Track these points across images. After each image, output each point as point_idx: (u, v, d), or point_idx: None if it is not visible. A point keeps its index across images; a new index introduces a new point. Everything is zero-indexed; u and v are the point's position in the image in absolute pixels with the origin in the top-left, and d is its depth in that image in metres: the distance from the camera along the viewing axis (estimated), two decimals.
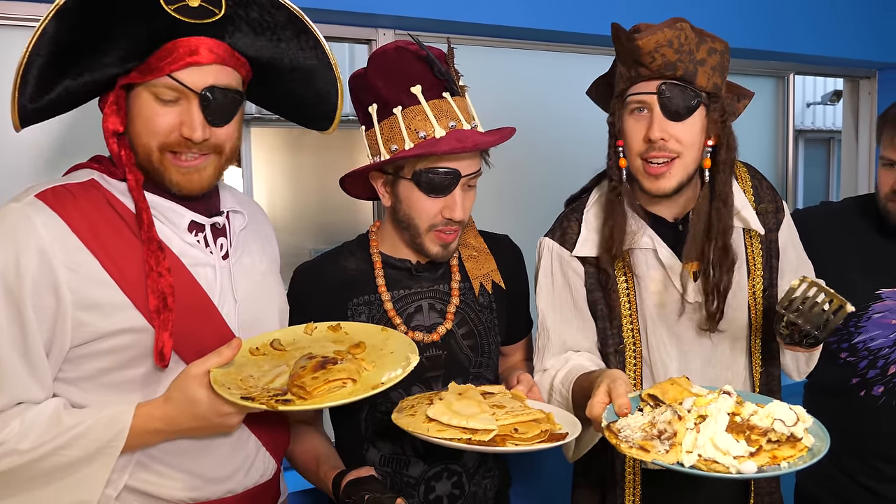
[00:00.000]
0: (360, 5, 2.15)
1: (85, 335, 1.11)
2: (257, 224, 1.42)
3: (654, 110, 1.39)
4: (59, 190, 1.14)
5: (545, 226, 1.65)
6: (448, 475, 1.49)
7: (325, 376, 1.12)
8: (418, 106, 1.37)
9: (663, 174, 1.41)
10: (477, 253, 1.54)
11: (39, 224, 1.08)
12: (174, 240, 1.21)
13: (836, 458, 1.89)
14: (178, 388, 1.12)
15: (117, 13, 1.09)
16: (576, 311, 1.55)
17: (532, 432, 1.22)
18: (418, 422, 1.25)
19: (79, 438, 1.09)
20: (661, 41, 1.35)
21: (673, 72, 1.37)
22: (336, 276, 1.50)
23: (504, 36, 2.52)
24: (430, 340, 1.46)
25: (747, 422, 1.12)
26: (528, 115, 2.67)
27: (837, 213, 1.96)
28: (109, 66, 1.14)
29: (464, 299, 1.52)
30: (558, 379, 1.49)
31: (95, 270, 1.11)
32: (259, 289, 1.33)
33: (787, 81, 3.31)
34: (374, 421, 1.48)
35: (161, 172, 1.18)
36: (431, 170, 1.37)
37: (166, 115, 1.15)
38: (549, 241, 1.58)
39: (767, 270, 1.56)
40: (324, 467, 1.40)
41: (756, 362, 1.57)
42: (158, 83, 1.14)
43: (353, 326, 1.35)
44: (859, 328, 1.81)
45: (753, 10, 2.88)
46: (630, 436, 1.15)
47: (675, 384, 1.26)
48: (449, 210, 1.39)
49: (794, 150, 3.39)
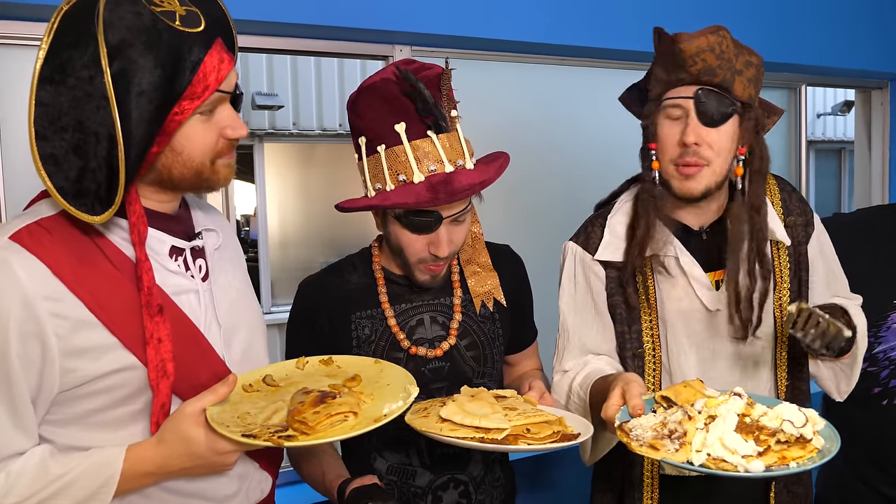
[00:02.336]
0: (376, 22, 2.18)
1: (73, 380, 1.06)
2: (227, 237, 1.38)
3: (691, 115, 1.41)
4: (34, 228, 1.07)
5: (556, 238, 1.67)
6: (455, 485, 1.49)
7: (326, 410, 1.10)
8: (400, 146, 1.34)
9: (694, 175, 1.42)
10: (481, 269, 1.55)
11: (18, 269, 1.02)
12: (157, 270, 1.15)
13: (857, 468, 1.88)
14: (172, 428, 1.08)
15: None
16: (596, 315, 1.57)
17: (544, 433, 1.22)
18: (431, 422, 1.25)
19: (68, 487, 1.05)
20: (703, 46, 1.37)
21: (711, 77, 1.39)
22: (339, 289, 1.50)
23: (519, 51, 2.54)
24: (433, 356, 1.47)
25: (756, 422, 1.14)
26: (541, 129, 2.69)
27: (852, 223, 1.96)
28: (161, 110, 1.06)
29: (465, 313, 1.52)
30: (577, 382, 1.50)
31: (80, 313, 1.05)
32: (237, 307, 1.29)
33: (798, 93, 3.33)
34: (382, 432, 1.46)
35: (213, 180, 1.16)
36: (412, 212, 1.36)
37: (209, 129, 1.13)
38: (573, 244, 1.60)
39: (796, 283, 1.56)
40: (329, 476, 1.40)
41: (781, 375, 1.57)
42: (205, 102, 1.09)
43: (346, 360, 1.33)
44: (879, 338, 1.81)
45: (765, 22, 2.89)
46: (641, 435, 1.17)
47: (688, 386, 1.27)
48: (434, 247, 1.38)
49: (805, 161, 3.40)
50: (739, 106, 1.43)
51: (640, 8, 2.62)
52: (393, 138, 1.34)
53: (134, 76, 1.01)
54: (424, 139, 1.34)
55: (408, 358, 1.47)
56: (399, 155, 1.34)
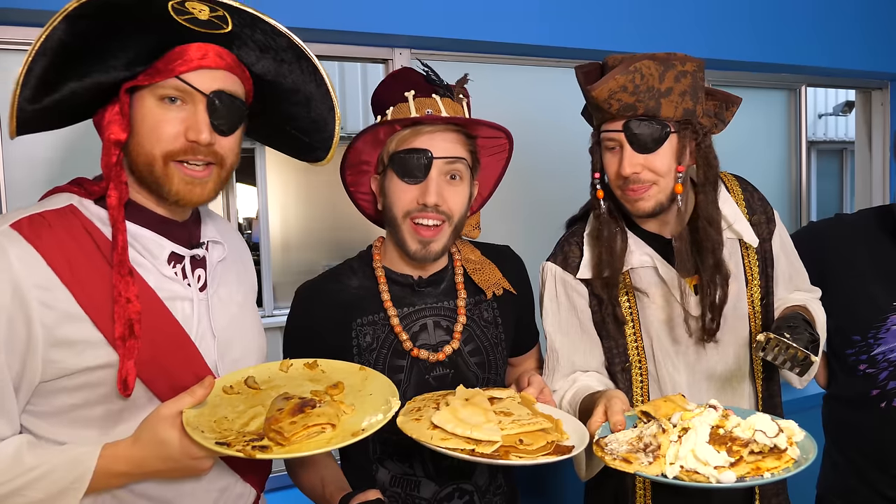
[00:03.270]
0: (376, 26, 2.19)
1: (55, 371, 1.07)
2: (236, 253, 1.39)
3: (625, 146, 1.43)
4: (36, 219, 1.09)
5: (553, 238, 1.67)
6: (459, 495, 1.47)
7: (303, 421, 1.07)
8: (406, 103, 1.43)
9: (641, 196, 1.45)
10: (480, 265, 1.55)
11: (13, 257, 1.04)
12: (152, 273, 1.17)
13: (858, 469, 1.88)
14: (148, 428, 1.07)
15: (128, 21, 1.08)
16: (582, 333, 1.58)
17: (538, 443, 1.20)
18: (423, 428, 1.22)
19: (40, 480, 1.04)
20: (614, 88, 1.38)
21: (634, 112, 1.41)
22: (338, 295, 1.48)
23: (518, 54, 2.55)
24: (435, 360, 1.45)
25: (730, 434, 1.15)
26: (540, 131, 2.70)
27: (853, 224, 1.95)
28: (116, 70, 1.11)
29: (470, 316, 1.51)
30: (566, 400, 1.51)
31: (69, 305, 1.07)
32: (236, 321, 1.29)
33: (798, 94, 3.33)
34: (383, 441, 1.46)
35: (162, 182, 1.14)
36: (404, 150, 1.39)
37: (171, 122, 1.13)
38: (552, 265, 1.61)
39: (764, 279, 1.60)
40: (329, 488, 1.36)
41: (757, 369, 1.60)
42: (166, 84, 1.11)
43: (331, 364, 1.31)
44: (878, 340, 1.80)
45: (764, 24, 2.90)
46: (616, 449, 1.20)
47: (668, 401, 1.30)
48: (423, 195, 1.39)
49: (806, 162, 3.39)
50: (674, 125, 1.44)
51: (639, 11, 2.63)
52: (401, 101, 1.43)
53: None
54: (429, 98, 1.42)
55: (411, 363, 1.44)
56: (403, 109, 1.42)
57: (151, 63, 1.12)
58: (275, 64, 1.23)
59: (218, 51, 1.15)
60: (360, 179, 1.52)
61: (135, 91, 1.14)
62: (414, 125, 1.40)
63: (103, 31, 1.07)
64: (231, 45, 1.18)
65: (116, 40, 1.09)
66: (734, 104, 1.55)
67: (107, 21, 1.06)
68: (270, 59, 1.22)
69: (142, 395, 1.13)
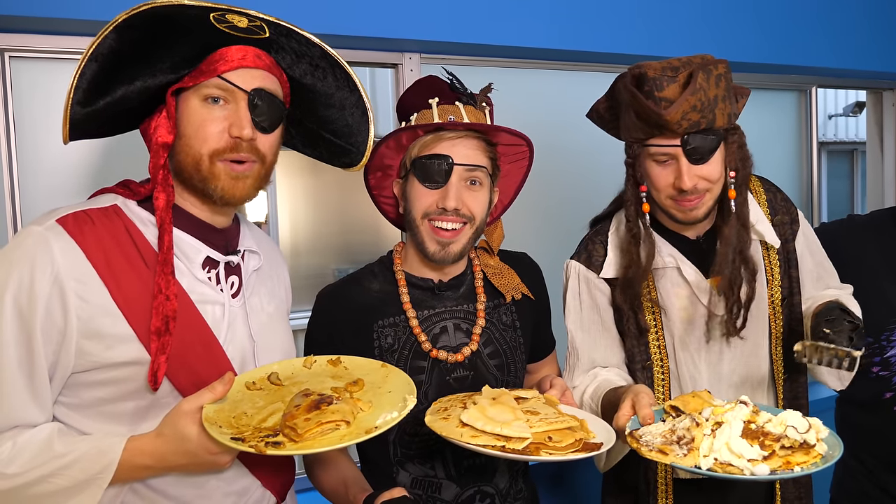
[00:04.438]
0: (386, 31, 2.20)
1: (86, 363, 1.11)
2: (272, 266, 1.42)
3: (681, 160, 1.42)
4: (81, 216, 1.15)
5: (568, 241, 1.69)
6: (481, 497, 1.48)
7: (318, 418, 1.08)
8: (430, 110, 1.45)
9: (696, 206, 1.46)
10: (499, 269, 1.56)
11: (57, 250, 1.09)
12: (185, 275, 1.20)
13: (871, 472, 1.87)
14: (170, 423, 1.10)
15: (175, 30, 1.14)
16: (603, 331, 1.60)
17: (566, 440, 1.21)
18: (451, 426, 1.23)
19: (67, 468, 1.07)
20: (686, 109, 1.37)
21: (697, 127, 1.40)
22: (360, 298, 1.50)
23: (527, 57, 2.56)
24: (454, 361, 1.47)
25: (762, 428, 1.18)
26: (551, 133, 2.70)
27: (865, 225, 1.95)
28: (163, 73, 1.17)
29: (489, 319, 1.52)
30: (587, 394, 1.52)
31: (104, 300, 1.11)
32: (265, 330, 1.32)
33: (809, 95, 3.32)
34: (404, 443, 1.47)
35: (209, 180, 1.19)
36: (425, 156, 1.42)
37: (216, 120, 1.18)
38: (576, 263, 1.62)
39: (787, 280, 1.59)
40: (353, 490, 1.36)
41: (778, 369, 1.59)
42: (209, 84, 1.17)
43: (354, 361, 1.32)
44: (891, 342, 1.80)
45: (774, 25, 2.89)
46: (651, 441, 1.22)
47: (696, 396, 1.32)
48: (442, 199, 1.41)
49: (817, 163, 3.38)
50: (723, 132, 1.45)
51: (649, 13, 2.63)
52: (425, 107, 1.45)
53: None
54: (452, 105, 1.44)
55: (431, 365, 1.46)
56: (426, 115, 1.44)
57: (196, 65, 1.18)
58: (311, 69, 1.28)
59: (257, 52, 1.21)
60: (384, 183, 1.54)
61: (180, 94, 1.19)
62: (436, 131, 1.43)
63: (151, 38, 1.13)
64: (269, 49, 1.23)
65: (163, 46, 1.15)
66: (744, 96, 1.56)
67: (154, 30, 1.12)
68: (307, 64, 1.28)
69: (167, 392, 1.16)
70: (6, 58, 1.93)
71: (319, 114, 1.36)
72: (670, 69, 1.40)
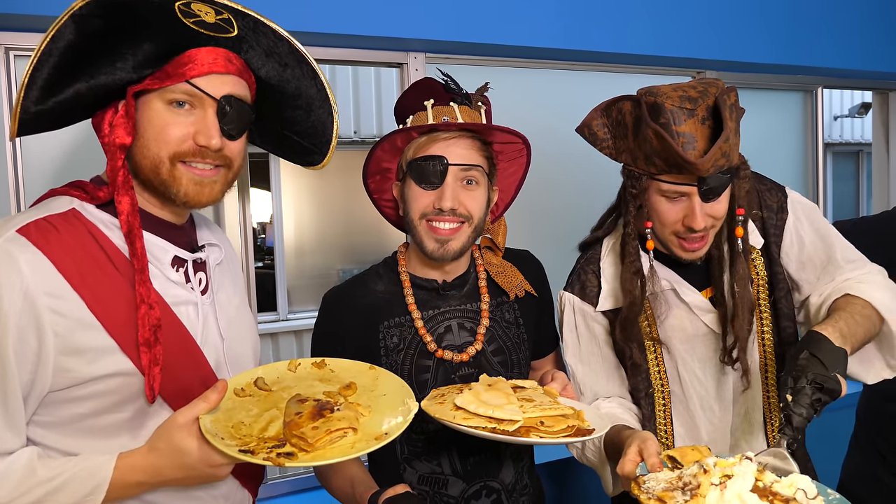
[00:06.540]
0: (391, 30, 2.20)
1: (66, 381, 1.04)
2: (229, 257, 1.38)
3: (694, 199, 1.36)
4: (42, 224, 1.06)
5: (570, 241, 1.67)
6: (487, 493, 1.49)
7: (326, 426, 1.06)
8: (425, 112, 1.45)
9: (701, 247, 1.42)
10: (502, 268, 1.57)
11: (23, 263, 1.01)
12: (158, 277, 1.15)
13: (886, 460, 1.87)
14: (164, 437, 1.05)
15: (138, 23, 1.07)
16: (603, 362, 1.58)
17: (559, 426, 1.20)
18: (446, 409, 1.24)
19: (55, 493, 1.02)
20: (717, 156, 1.29)
21: (719, 170, 1.33)
22: (365, 299, 1.51)
23: (532, 57, 2.56)
24: (459, 360, 1.47)
25: (769, 488, 1.15)
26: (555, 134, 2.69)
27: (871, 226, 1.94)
28: (124, 72, 1.09)
29: (493, 318, 1.53)
30: None
31: (81, 312, 1.04)
32: (235, 324, 1.29)
33: (814, 95, 3.31)
34: (411, 441, 1.48)
35: (169, 184, 1.13)
36: (421, 157, 1.42)
37: (179, 125, 1.12)
38: (570, 295, 1.59)
39: (771, 278, 1.53)
40: (359, 488, 1.38)
41: (770, 369, 1.56)
42: (176, 89, 1.10)
43: (339, 363, 1.31)
44: None
45: (780, 26, 2.89)
46: (652, 487, 1.19)
47: (695, 450, 1.29)
48: (438, 200, 1.41)
49: (822, 164, 3.37)
50: (735, 169, 1.39)
51: (654, 14, 2.63)
52: (420, 109, 1.46)
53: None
54: (447, 106, 1.44)
55: (437, 364, 1.47)
56: (421, 117, 1.44)
57: (160, 66, 1.11)
58: (279, 68, 1.24)
59: (227, 55, 1.15)
60: (383, 186, 1.55)
61: (140, 95, 1.12)
62: (430, 132, 1.43)
63: (112, 31, 1.06)
64: (239, 49, 1.18)
65: (126, 42, 1.08)
66: (741, 116, 1.53)
67: (115, 22, 1.06)
68: (275, 63, 1.23)
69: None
70: (10, 55, 1.93)
71: (284, 114, 1.31)
72: (688, 101, 1.31)
